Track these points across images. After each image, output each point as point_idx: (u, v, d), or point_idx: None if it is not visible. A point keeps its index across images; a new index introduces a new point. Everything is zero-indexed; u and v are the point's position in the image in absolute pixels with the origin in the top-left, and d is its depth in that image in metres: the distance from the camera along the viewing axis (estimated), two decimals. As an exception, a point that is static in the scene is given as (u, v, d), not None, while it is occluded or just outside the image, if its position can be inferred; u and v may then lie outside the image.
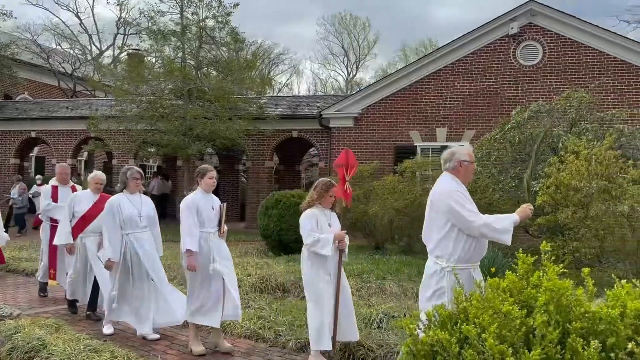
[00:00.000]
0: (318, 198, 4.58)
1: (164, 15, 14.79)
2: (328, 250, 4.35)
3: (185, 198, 4.94)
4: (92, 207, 5.92)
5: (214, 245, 4.85)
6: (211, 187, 4.97)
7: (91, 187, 6.06)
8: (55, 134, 17.78)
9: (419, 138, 13.81)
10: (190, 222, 4.76)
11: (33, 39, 25.71)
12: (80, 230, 5.92)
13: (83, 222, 5.90)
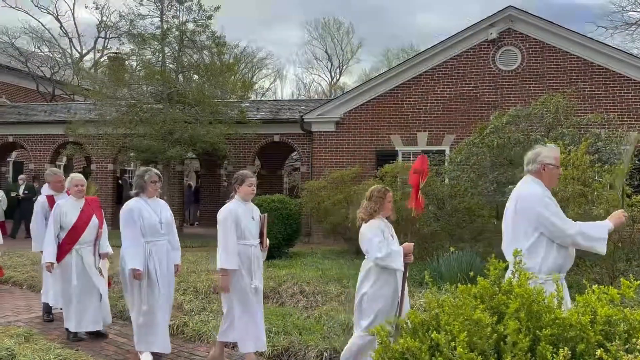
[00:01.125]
0: (379, 208, 4.21)
1: (144, 19, 14.66)
2: (400, 264, 4.00)
3: (222, 208, 4.54)
4: (80, 214, 5.45)
5: (256, 259, 4.51)
6: (251, 195, 4.59)
7: (73, 192, 5.55)
8: (33, 138, 17.47)
9: (400, 142, 13.85)
10: (228, 236, 4.36)
11: (11, 42, 25.26)
12: (73, 241, 5.39)
13: (75, 233, 5.39)
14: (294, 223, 10.96)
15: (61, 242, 5.35)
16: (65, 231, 5.40)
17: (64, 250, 5.33)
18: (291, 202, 11.21)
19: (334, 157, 14.28)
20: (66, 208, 5.45)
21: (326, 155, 14.35)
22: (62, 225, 5.40)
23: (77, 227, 5.41)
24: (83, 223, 5.43)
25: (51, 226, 5.39)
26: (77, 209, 5.46)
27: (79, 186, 5.55)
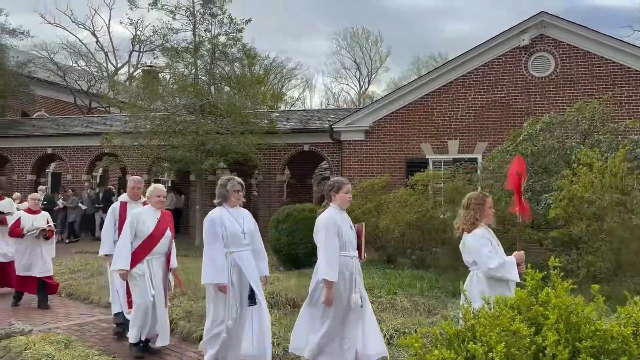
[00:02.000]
0: (480, 215, 4.00)
1: (177, 33, 15.03)
2: (515, 274, 3.74)
3: (320, 216, 4.31)
4: (157, 224, 5.26)
5: (357, 272, 4.27)
6: (347, 203, 4.40)
7: (153, 202, 5.34)
8: (70, 150, 18.03)
9: (431, 151, 13.74)
10: (331, 246, 4.12)
11: (50, 57, 26.24)
12: (147, 251, 5.17)
13: (150, 242, 5.18)
14: (324, 232, 10.96)
15: (134, 251, 5.16)
16: (139, 240, 5.20)
17: (137, 259, 5.15)
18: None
19: (364, 166, 14.26)
20: (143, 217, 5.25)
21: (355, 164, 14.35)
22: (138, 234, 5.19)
23: (154, 236, 5.23)
24: (159, 233, 5.25)
25: (127, 233, 5.17)
26: (154, 219, 5.28)
27: (161, 197, 5.40)
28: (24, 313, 7.19)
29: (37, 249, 7.61)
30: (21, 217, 7.63)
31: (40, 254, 7.61)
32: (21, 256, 7.64)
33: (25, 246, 7.62)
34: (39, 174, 19.17)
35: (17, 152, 18.45)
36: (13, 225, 7.58)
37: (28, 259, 7.58)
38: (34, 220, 7.64)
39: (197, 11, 14.73)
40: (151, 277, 5.14)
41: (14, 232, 7.55)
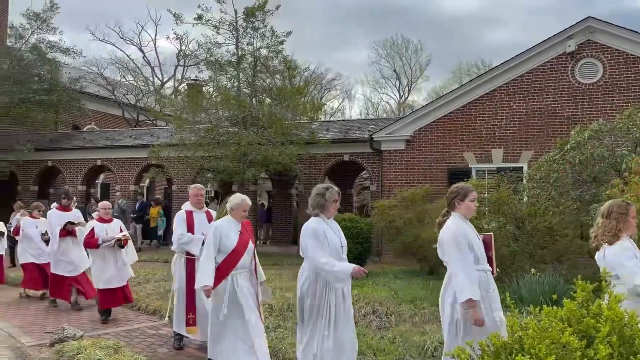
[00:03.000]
0: (622, 226, 3.67)
1: (221, 47, 15.39)
2: None
3: (446, 226, 3.94)
4: (240, 237, 4.88)
5: (493, 287, 3.88)
6: (473, 212, 4.04)
7: (237, 215, 4.92)
8: (119, 161, 18.69)
9: (474, 160, 13.51)
10: (466, 260, 3.73)
11: (100, 72, 27.42)
12: (232, 266, 4.75)
13: (235, 257, 4.79)
14: (364, 242, 10.94)
15: (218, 266, 4.73)
16: (223, 255, 4.78)
17: (221, 276, 4.72)
18: (361, 221, 11.22)
19: (405, 175, 14.16)
20: (226, 230, 4.84)
21: (396, 173, 14.26)
22: (221, 249, 4.78)
23: (238, 251, 4.82)
24: (242, 247, 4.87)
25: (210, 247, 4.75)
26: (236, 232, 4.88)
27: (246, 211, 4.99)
28: (76, 318, 7.47)
29: (114, 259, 7.29)
30: (95, 227, 7.27)
31: (117, 264, 7.30)
32: (102, 270, 7.24)
33: (102, 258, 7.25)
34: (89, 185, 19.94)
35: (68, 163, 19.28)
36: (87, 236, 7.22)
37: (108, 272, 7.22)
38: (108, 229, 7.31)
39: (239, 25, 15.08)
40: (236, 294, 4.71)
41: (89, 243, 7.21)
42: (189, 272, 5.76)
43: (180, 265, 5.91)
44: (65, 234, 8.04)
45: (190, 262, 5.78)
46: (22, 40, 19.54)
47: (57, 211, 8.27)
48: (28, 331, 6.71)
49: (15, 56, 19.25)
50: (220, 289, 4.69)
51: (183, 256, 5.85)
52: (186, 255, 5.82)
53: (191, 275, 5.64)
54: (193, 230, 5.80)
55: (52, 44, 19.59)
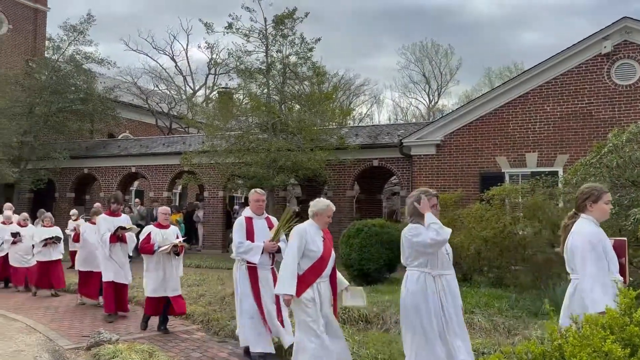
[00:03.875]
0: None
1: (251, 55, 15.57)
2: None
3: (577, 231, 3.56)
4: (325, 244, 4.67)
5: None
6: (607, 215, 3.68)
7: (321, 220, 4.72)
8: (152, 168, 19.08)
9: (507, 164, 13.26)
10: (602, 268, 3.36)
11: (134, 81, 28.12)
12: (318, 274, 4.54)
13: (321, 264, 4.55)
14: (395, 248, 10.80)
15: (303, 274, 4.52)
16: (309, 261, 4.55)
17: (306, 283, 4.48)
18: (391, 227, 11.12)
19: (435, 180, 13.99)
20: (312, 235, 4.63)
21: (426, 179, 14.10)
22: (307, 254, 4.55)
23: (324, 257, 4.59)
24: (328, 254, 4.64)
25: (294, 252, 4.52)
26: (321, 237, 4.69)
27: (331, 217, 4.81)
28: (110, 322, 7.62)
29: (168, 266, 6.94)
30: (151, 232, 6.94)
31: (171, 272, 6.97)
32: (153, 277, 6.93)
33: (155, 265, 6.92)
34: (124, 192, 20.39)
35: (104, 171, 19.78)
36: (143, 242, 6.90)
37: (161, 279, 6.90)
38: (164, 235, 6.96)
39: (269, 33, 15.23)
40: (321, 304, 4.52)
41: (145, 249, 6.88)
42: (253, 282, 5.51)
43: (241, 274, 5.58)
44: (115, 240, 7.75)
45: (252, 271, 5.53)
46: (60, 52, 20.19)
47: (106, 216, 7.97)
48: (65, 335, 6.89)
49: (53, 67, 19.90)
50: (305, 297, 4.44)
51: (244, 264, 5.57)
52: (248, 263, 5.54)
53: (256, 284, 5.49)
54: (253, 237, 5.51)
55: (87, 55, 20.19)
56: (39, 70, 20.16)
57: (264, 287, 5.53)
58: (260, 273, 5.57)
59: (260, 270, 5.57)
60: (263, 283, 5.54)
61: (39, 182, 18.89)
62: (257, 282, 5.50)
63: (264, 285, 5.53)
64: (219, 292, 8.93)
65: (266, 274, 5.60)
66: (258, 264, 5.48)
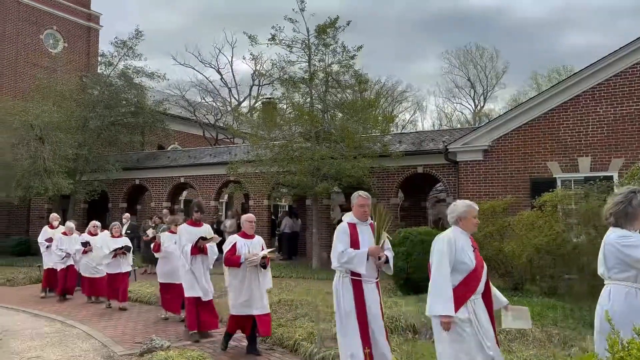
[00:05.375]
0: None
1: (294, 65, 15.75)
2: None
3: None
4: (477, 254, 4.05)
5: None
6: None
7: (467, 224, 4.10)
8: (200, 178, 19.53)
9: (559, 169, 12.80)
10: None
11: (182, 94, 28.98)
12: (472, 290, 3.90)
13: (475, 278, 3.94)
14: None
15: (453, 290, 3.87)
16: (459, 275, 3.91)
17: (459, 301, 3.83)
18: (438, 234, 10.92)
19: (483, 187, 13.66)
20: (462, 243, 4.00)
21: (474, 185, 13.80)
22: (457, 267, 3.91)
23: (477, 270, 3.96)
24: (481, 266, 4.02)
25: (445, 264, 3.89)
26: (470, 246, 4.04)
27: (476, 217, 4.17)
28: (162, 329, 7.82)
29: (254, 281, 6.22)
30: (237, 243, 6.29)
31: (257, 287, 6.24)
32: (238, 292, 6.24)
33: (241, 279, 6.22)
34: (173, 201, 20.97)
35: (154, 181, 20.41)
36: (228, 253, 6.24)
37: (246, 295, 6.19)
38: (250, 246, 6.31)
39: (311, 43, 15.37)
40: (478, 327, 3.84)
41: (231, 261, 6.21)
42: (357, 297, 4.75)
43: (344, 287, 4.81)
44: (197, 252, 7.10)
45: (357, 284, 4.76)
46: (111, 68, 21.05)
47: (187, 226, 7.27)
48: (119, 341, 7.11)
49: (105, 82, 20.76)
50: (460, 318, 3.80)
51: (347, 276, 4.79)
52: (351, 276, 4.77)
53: (361, 299, 4.74)
54: (358, 246, 4.78)
55: (137, 69, 20.95)
56: (92, 86, 21.07)
57: (369, 304, 4.74)
58: (365, 287, 4.78)
59: (366, 284, 4.79)
60: (368, 299, 4.75)
61: (93, 193, 19.67)
62: (362, 298, 4.73)
63: (370, 302, 4.75)
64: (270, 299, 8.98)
65: (372, 289, 4.82)
66: (363, 275, 4.75)
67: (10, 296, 11.31)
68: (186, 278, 7.17)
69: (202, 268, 7.18)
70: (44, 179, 17.20)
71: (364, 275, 4.74)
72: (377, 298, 4.83)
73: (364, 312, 4.70)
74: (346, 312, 4.74)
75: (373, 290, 4.82)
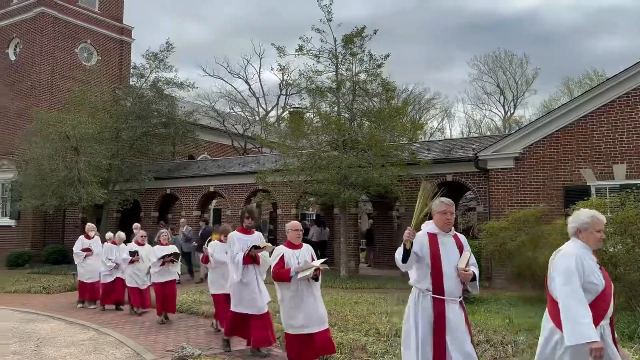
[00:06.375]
0: None
1: (321, 74, 15.83)
2: None
3: None
4: (605, 274, 3.62)
5: None
6: None
7: (591, 238, 3.64)
8: (229, 187, 19.74)
9: (593, 177, 12.47)
10: None
11: (211, 105, 29.43)
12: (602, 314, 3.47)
13: (605, 300, 3.51)
14: (474, 266, 10.45)
15: None
16: (588, 296, 3.43)
17: None
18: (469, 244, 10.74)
19: (515, 195, 13.41)
20: (589, 261, 3.54)
21: (505, 193, 13.55)
22: (586, 287, 3.43)
23: (606, 293, 3.53)
24: (610, 287, 3.57)
25: (577, 285, 3.41)
26: (597, 265, 3.61)
27: (600, 231, 3.67)
28: (194, 337, 7.90)
29: (307, 294, 5.52)
30: (284, 254, 5.62)
31: (314, 302, 5.56)
32: (292, 309, 5.54)
33: (293, 294, 5.51)
34: (203, 210, 21.24)
35: (185, 191, 20.73)
36: (277, 266, 5.57)
37: (302, 312, 5.50)
38: (299, 257, 5.65)
39: (338, 52, 15.43)
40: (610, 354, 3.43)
41: (280, 276, 5.52)
42: (437, 322, 4.05)
43: (424, 305, 4.12)
44: (249, 261, 6.49)
45: (439, 305, 4.08)
46: (143, 79, 21.53)
47: (238, 234, 6.73)
48: (151, 349, 7.21)
49: (137, 94, 21.24)
50: None
51: (427, 294, 4.13)
52: (433, 294, 4.11)
53: (441, 325, 4.02)
54: (439, 260, 4.14)
55: (168, 80, 21.39)
56: (125, 97, 21.59)
57: (450, 330, 4.03)
58: (447, 308, 4.08)
59: (449, 304, 4.09)
60: (451, 323, 4.05)
61: (126, 203, 20.08)
62: (442, 322, 4.03)
63: (451, 328, 4.04)
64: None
65: (454, 309, 4.12)
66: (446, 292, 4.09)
67: (46, 303, 11.61)
68: (235, 290, 6.55)
69: (254, 279, 6.54)
70: (79, 189, 17.65)
71: (447, 293, 4.06)
72: (462, 321, 4.10)
73: (443, 340, 3.98)
74: (422, 340, 4.02)
75: (456, 312, 4.10)
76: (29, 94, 22.77)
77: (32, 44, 23.11)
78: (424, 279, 4.15)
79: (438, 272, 4.09)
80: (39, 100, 22.35)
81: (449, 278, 4.09)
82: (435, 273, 4.09)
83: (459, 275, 4.12)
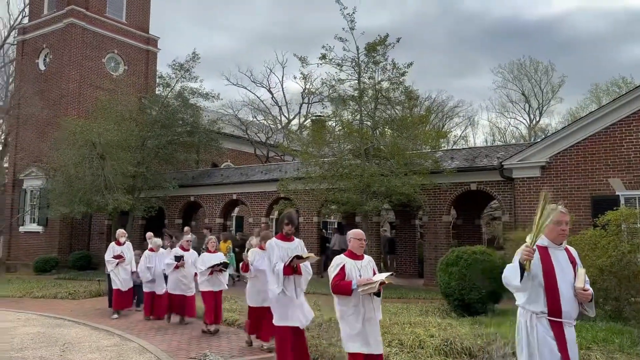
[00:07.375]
0: None
1: (344, 83, 15.83)
2: None
3: None
4: None
5: None
6: None
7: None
8: (251, 195, 19.86)
9: (622, 186, 12.16)
10: None
11: (234, 114, 29.75)
12: None
13: None
14: (498, 277, 10.21)
15: None
16: None
17: None
18: (494, 254, 10.57)
19: (540, 205, 13.14)
20: None
21: (530, 203, 13.30)
22: None
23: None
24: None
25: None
26: None
27: None
28: (216, 344, 7.93)
29: (369, 310, 4.90)
30: (345, 265, 4.97)
31: (375, 320, 4.97)
32: (352, 326, 4.88)
33: (354, 309, 4.89)
34: (226, 218, 21.39)
35: (208, 198, 20.92)
36: (337, 278, 4.91)
37: (363, 330, 4.86)
38: (361, 268, 5.01)
39: (361, 61, 15.42)
40: None
41: (341, 288, 4.86)
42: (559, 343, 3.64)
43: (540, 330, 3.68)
44: (290, 272, 5.89)
45: (558, 329, 3.65)
46: (169, 89, 21.88)
47: (277, 241, 6.11)
48: (174, 355, 7.26)
49: (163, 103, 21.58)
50: None
51: (543, 317, 3.69)
52: (549, 316, 3.67)
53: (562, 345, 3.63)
54: (553, 275, 3.70)
55: (193, 90, 21.69)
56: (150, 106, 21.95)
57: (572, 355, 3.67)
58: (566, 332, 3.68)
59: (566, 327, 3.69)
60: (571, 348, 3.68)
61: (151, 210, 20.36)
62: (565, 348, 3.62)
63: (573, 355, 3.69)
64: (315, 318, 8.96)
65: (571, 332, 3.72)
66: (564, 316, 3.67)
67: (72, 309, 11.81)
68: (277, 304, 5.90)
69: (294, 291, 5.94)
70: (105, 195, 17.97)
71: (565, 315, 3.64)
72: (576, 347, 3.74)
73: None
74: None
75: (573, 338, 3.70)
76: (57, 102, 23.34)
77: (61, 54, 23.71)
78: (538, 300, 3.68)
79: (554, 292, 3.62)
80: (67, 109, 22.88)
81: (565, 298, 3.64)
82: (551, 292, 3.63)
83: (577, 295, 3.66)
